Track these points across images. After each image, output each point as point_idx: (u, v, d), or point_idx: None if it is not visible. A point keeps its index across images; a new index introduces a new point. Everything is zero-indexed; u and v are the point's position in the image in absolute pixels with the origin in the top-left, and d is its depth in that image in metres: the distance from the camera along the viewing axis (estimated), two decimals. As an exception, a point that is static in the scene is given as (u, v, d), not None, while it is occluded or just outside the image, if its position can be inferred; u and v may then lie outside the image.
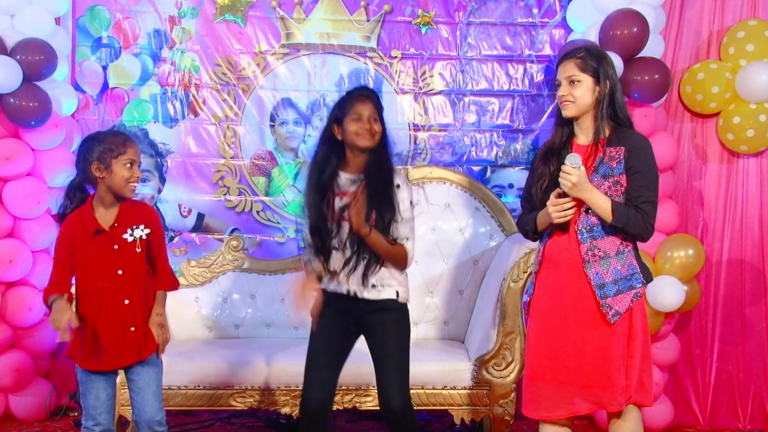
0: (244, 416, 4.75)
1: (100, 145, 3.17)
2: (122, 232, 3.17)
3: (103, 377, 3.22)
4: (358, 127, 3.34)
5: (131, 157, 3.16)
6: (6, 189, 4.67)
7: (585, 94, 3.09)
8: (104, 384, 3.23)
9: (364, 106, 3.35)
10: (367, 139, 3.34)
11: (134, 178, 3.17)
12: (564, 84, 3.10)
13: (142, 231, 3.20)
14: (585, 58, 3.10)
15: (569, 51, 3.19)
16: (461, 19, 5.05)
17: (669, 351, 4.73)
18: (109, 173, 3.14)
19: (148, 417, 3.23)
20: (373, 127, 3.35)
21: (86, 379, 3.21)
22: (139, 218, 3.22)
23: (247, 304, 4.76)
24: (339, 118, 3.38)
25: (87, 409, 3.23)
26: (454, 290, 4.73)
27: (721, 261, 4.94)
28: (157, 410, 3.24)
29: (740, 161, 4.93)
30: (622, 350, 3.06)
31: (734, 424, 4.91)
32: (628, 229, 3.04)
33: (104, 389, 3.23)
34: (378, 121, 3.37)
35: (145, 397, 3.23)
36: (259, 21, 5.04)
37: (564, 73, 3.11)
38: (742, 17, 4.90)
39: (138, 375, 3.23)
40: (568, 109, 3.11)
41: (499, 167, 5.09)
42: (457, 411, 4.21)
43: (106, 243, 3.17)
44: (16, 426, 4.72)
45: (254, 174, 5.07)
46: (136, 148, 3.21)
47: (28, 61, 4.53)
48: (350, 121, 3.35)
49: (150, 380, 3.24)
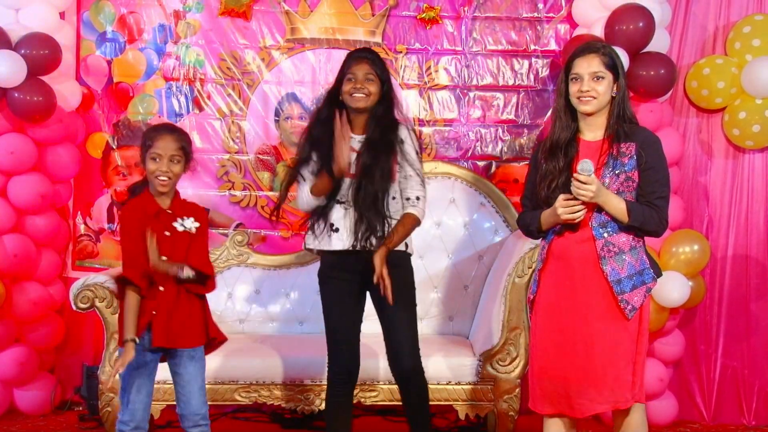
0: (248, 411, 4.76)
1: (143, 138, 3.27)
2: (174, 219, 3.20)
3: (146, 373, 3.22)
4: (351, 87, 3.36)
5: (158, 152, 3.18)
6: (11, 183, 4.67)
7: (606, 91, 3.06)
8: (147, 381, 3.24)
9: (358, 66, 3.37)
10: (359, 100, 3.36)
11: (159, 172, 3.18)
12: (587, 79, 3.04)
13: (193, 223, 3.21)
14: (608, 55, 3.07)
15: (590, 45, 3.12)
16: (466, 13, 5.04)
17: (674, 347, 4.72)
18: (144, 166, 3.23)
19: (194, 410, 3.27)
20: (366, 87, 3.36)
21: (130, 374, 3.21)
22: (190, 212, 3.25)
23: (251, 299, 4.76)
24: (339, 79, 3.41)
25: (126, 403, 3.24)
26: (459, 285, 4.73)
27: (727, 256, 4.93)
28: (201, 404, 3.28)
29: (746, 157, 4.91)
30: (631, 347, 3.05)
31: (739, 420, 4.91)
32: (645, 227, 3.03)
33: (146, 386, 3.24)
34: (374, 82, 3.37)
35: (191, 390, 3.26)
36: (263, 16, 5.03)
37: (588, 68, 3.05)
38: (749, 12, 4.88)
39: (185, 369, 3.25)
40: (590, 105, 3.06)
41: (504, 162, 5.08)
42: (461, 406, 4.20)
43: (161, 228, 3.18)
44: (20, 420, 4.73)
45: (259, 169, 5.07)
46: (166, 142, 3.20)
47: (33, 56, 4.53)
48: (345, 81, 3.38)
49: (196, 374, 3.27)
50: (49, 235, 4.81)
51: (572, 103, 3.10)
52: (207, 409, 3.31)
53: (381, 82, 3.40)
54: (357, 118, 3.42)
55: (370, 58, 3.41)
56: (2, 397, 4.73)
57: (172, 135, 3.24)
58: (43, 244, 4.80)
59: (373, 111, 3.42)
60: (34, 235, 4.73)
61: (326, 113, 3.43)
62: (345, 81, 3.38)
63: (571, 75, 3.08)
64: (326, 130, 3.39)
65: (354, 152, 3.38)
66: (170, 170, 3.19)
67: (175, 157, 3.21)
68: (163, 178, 3.19)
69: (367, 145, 3.38)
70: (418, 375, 3.45)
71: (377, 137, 3.38)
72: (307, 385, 4.18)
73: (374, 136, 3.39)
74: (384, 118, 3.42)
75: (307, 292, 4.68)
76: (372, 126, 3.41)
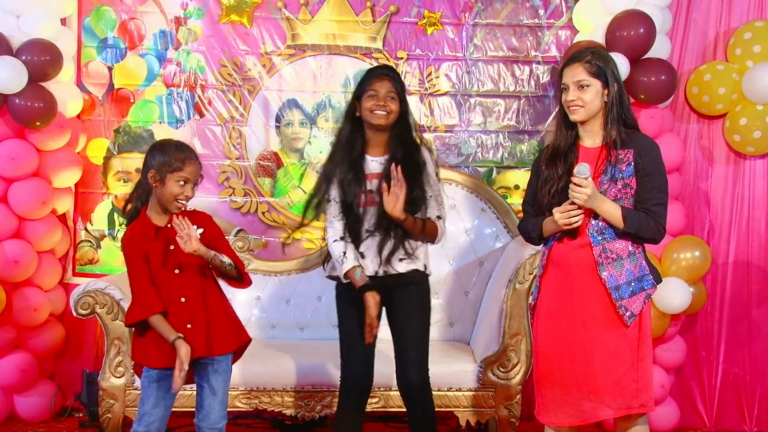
0: (249, 417, 4.75)
1: (162, 155, 3.17)
2: (175, 233, 3.15)
3: (165, 387, 3.20)
4: (373, 104, 3.36)
5: (186, 176, 3.16)
6: (11, 189, 4.67)
7: (594, 98, 3.06)
8: (165, 394, 3.23)
9: (381, 83, 3.37)
10: (381, 117, 3.36)
11: (183, 196, 3.16)
12: (572, 88, 3.06)
13: (196, 231, 3.18)
14: (592, 62, 3.06)
15: (575, 54, 3.14)
16: (467, 20, 5.04)
17: (675, 353, 4.71)
18: (161, 185, 3.15)
19: (212, 423, 3.27)
20: (388, 104, 3.36)
21: (148, 385, 3.22)
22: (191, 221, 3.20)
23: (252, 306, 4.75)
24: (358, 95, 3.41)
25: (142, 414, 3.23)
26: (460, 291, 4.72)
27: (728, 263, 4.92)
28: (221, 417, 3.28)
29: (747, 163, 4.91)
30: (632, 353, 3.04)
31: (740, 426, 4.90)
32: (641, 233, 3.03)
33: (163, 399, 3.23)
34: (395, 100, 3.38)
35: (212, 403, 3.26)
36: (264, 22, 5.04)
37: (572, 77, 3.07)
38: (749, 18, 4.89)
39: (209, 381, 3.25)
40: (578, 114, 3.08)
41: (504, 168, 5.08)
42: (462, 413, 4.20)
43: (164, 243, 3.18)
44: (21, 426, 4.73)
45: (260, 175, 5.07)
46: (195, 167, 3.19)
47: (34, 62, 4.53)
48: (366, 97, 3.37)
49: (219, 388, 3.27)
50: (49, 242, 4.80)
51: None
52: (225, 423, 3.31)
53: (400, 101, 3.41)
54: (376, 136, 3.42)
55: (392, 75, 3.42)
56: (2, 403, 4.72)
57: (197, 161, 3.23)
58: (43, 250, 4.80)
59: (392, 130, 3.42)
60: (35, 241, 4.73)
61: (348, 131, 3.44)
62: (366, 97, 3.37)
63: (562, 85, 3.12)
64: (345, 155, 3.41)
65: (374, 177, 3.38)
66: (191, 194, 3.20)
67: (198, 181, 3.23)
68: (184, 202, 3.18)
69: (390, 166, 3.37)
70: (425, 392, 3.46)
71: (400, 159, 3.37)
72: (308, 392, 4.17)
73: (397, 158, 3.38)
74: (405, 139, 3.43)
75: (308, 299, 4.68)
76: (394, 147, 3.41)
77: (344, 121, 3.48)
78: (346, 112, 3.48)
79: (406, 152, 3.40)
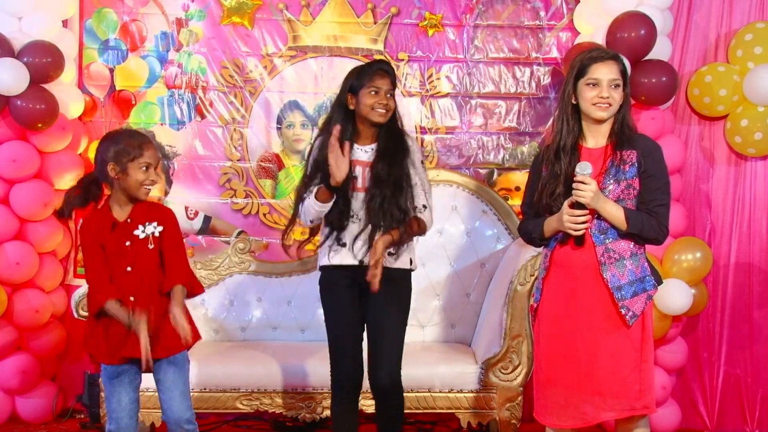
0: (250, 419, 4.75)
1: (117, 146, 3.15)
2: (134, 228, 3.16)
3: (126, 381, 3.22)
4: (375, 102, 3.36)
5: (147, 161, 3.15)
6: (13, 191, 4.67)
7: (620, 99, 3.08)
8: (127, 388, 3.24)
9: (383, 81, 3.37)
10: (381, 115, 3.37)
11: (149, 181, 3.16)
12: (606, 85, 3.04)
13: (155, 228, 3.18)
14: (623, 63, 3.10)
15: (608, 52, 3.13)
16: (468, 21, 5.05)
17: (676, 354, 4.71)
18: (124, 175, 3.14)
19: (177, 416, 3.25)
20: (388, 102, 3.37)
21: (109, 383, 3.22)
22: (153, 216, 3.21)
23: (253, 307, 4.75)
24: (354, 88, 3.39)
25: (110, 412, 3.25)
26: (461, 293, 4.72)
27: (729, 264, 4.92)
28: (185, 408, 3.26)
29: (748, 164, 4.91)
30: (636, 355, 3.04)
31: (742, 428, 4.90)
32: (644, 234, 3.03)
33: (126, 393, 3.24)
34: (392, 98, 3.40)
35: (173, 396, 3.25)
36: (266, 23, 5.04)
37: (608, 74, 3.04)
38: (750, 20, 4.89)
39: (165, 374, 3.24)
40: (607, 112, 3.06)
41: (505, 170, 5.08)
42: (463, 414, 4.20)
43: (120, 239, 3.17)
44: (22, 428, 4.73)
45: (261, 176, 5.07)
46: (153, 150, 3.18)
47: (36, 64, 4.54)
48: (367, 93, 3.36)
49: (177, 379, 3.25)
50: (51, 243, 4.80)
51: (583, 108, 3.09)
52: (192, 414, 3.29)
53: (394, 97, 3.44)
54: (368, 129, 3.44)
55: (391, 73, 3.43)
56: (4, 405, 4.72)
57: (152, 143, 3.22)
58: (45, 252, 4.80)
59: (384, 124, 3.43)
60: (36, 242, 4.73)
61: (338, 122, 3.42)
62: (366, 93, 3.36)
63: (588, 80, 3.06)
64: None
65: (360, 165, 3.39)
66: (157, 178, 3.19)
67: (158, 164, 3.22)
68: (150, 188, 3.18)
69: (380, 154, 3.39)
70: (396, 392, 3.44)
71: (390, 146, 3.40)
72: (309, 393, 4.17)
73: (386, 146, 3.40)
74: (391, 128, 3.45)
75: (309, 300, 4.68)
76: (383, 136, 3.43)
77: (335, 111, 3.46)
78: (337, 103, 3.46)
79: (394, 140, 3.43)
